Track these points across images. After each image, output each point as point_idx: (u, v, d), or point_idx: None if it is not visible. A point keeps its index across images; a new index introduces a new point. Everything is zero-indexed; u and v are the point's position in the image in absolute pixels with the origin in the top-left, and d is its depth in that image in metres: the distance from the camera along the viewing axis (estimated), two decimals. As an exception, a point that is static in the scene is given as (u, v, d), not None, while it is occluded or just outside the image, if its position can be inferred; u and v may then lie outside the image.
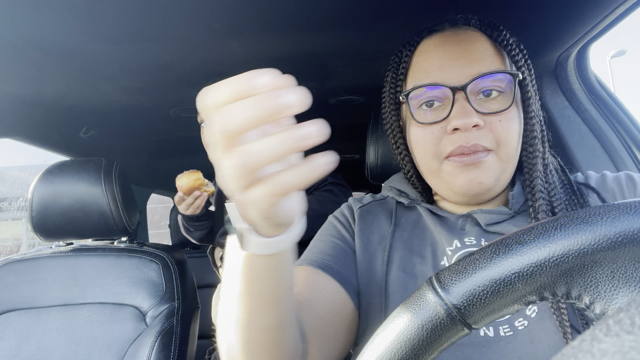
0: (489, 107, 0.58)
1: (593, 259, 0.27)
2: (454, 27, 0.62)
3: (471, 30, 0.61)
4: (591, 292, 0.27)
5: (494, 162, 0.58)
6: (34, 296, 1.15)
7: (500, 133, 0.57)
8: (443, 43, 0.61)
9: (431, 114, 0.60)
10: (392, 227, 0.66)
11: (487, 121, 0.57)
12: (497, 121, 0.57)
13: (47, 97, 1.12)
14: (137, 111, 1.32)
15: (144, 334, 1.10)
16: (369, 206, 0.72)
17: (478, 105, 0.57)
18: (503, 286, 0.28)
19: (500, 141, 0.57)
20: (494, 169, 0.58)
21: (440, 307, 0.28)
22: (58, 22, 0.76)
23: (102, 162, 1.20)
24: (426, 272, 0.61)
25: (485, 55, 0.59)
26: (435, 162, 0.60)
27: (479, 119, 0.56)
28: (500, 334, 0.55)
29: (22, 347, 1.10)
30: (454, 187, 0.59)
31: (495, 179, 0.58)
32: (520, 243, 0.28)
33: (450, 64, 0.58)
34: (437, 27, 0.63)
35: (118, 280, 1.16)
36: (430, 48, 0.62)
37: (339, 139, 1.99)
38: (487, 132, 0.57)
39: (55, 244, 1.28)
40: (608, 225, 0.26)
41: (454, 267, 0.30)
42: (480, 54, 0.59)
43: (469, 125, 0.56)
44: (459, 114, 0.56)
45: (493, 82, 0.58)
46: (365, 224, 0.69)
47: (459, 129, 0.56)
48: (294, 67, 1.06)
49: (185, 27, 0.81)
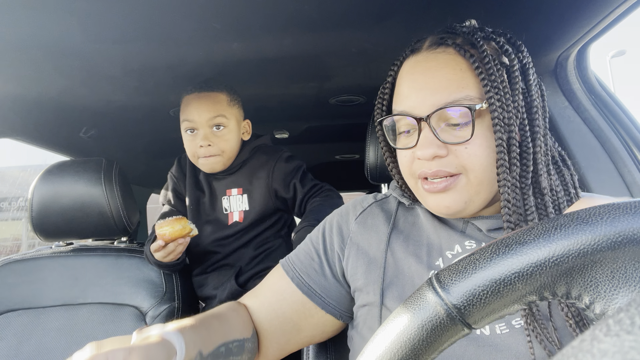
0: (455, 136, 0.58)
1: (593, 259, 0.27)
2: (429, 48, 0.62)
3: (446, 53, 0.60)
4: (591, 292, 0.27)
5: (462, 185, 0.58)
6: (34, 296, 1.15)
7: (465, 160, 0.57)
8: (413, 70, 0.62)
9: (405, 139, 0.63)
10: (389, 228, 0.68)
11: (452, 149, 0.58)
12: (463, 148, 0.57)
13: (47, 97, 1.12)
14: (137, 111, 1.33)
15: (144, 334, 1.10)
16: (369, 209, 0.73)
17: (444, 134, 0.58)
18: (503, 286, 0.28)
19: (467, 167, 0.58)
20: (463, 193, 0.58)
21: (440, 307, 0.28)
22: (58, 22, 0.76)
23: (102, 162, 1.20)
24: (421, 273, 0.62)
25: (450, 83, 0.58)
26: (412, 180, 0.63)
27: (439, 149, 0.57)
28: (497, 332, 0.55)
29: (22, 347, 1.10)
30: (428, 207, 0.63)
31: (465, 202, 0.59)
32: (520, 243, 0.28)
33: (415, 94, 0.60)
34: (417, 45, 0.64)
35: (118, 280, 1.16)
36: (403, 74, 0.63)
37: (339, 139, 1.99)
38: (453, 158, 0.58)
39: (55, 244, 1.28)
40: (608, 225, 0.26)
41: (453, 267, 0.30)
42: (444, 82, 0.58)
43: (429, 157, 0.58)
44: (421, 145, 0.58)
45: (452, 113, 0.57)
46: (364, 231, 0.70)
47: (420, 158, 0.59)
48: (294, 67, 1.06)
49: (185, 27, 0.81)
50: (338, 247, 0.71)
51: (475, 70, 0.57)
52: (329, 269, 0.71)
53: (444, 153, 0.58)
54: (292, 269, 0.72)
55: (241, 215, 1.23)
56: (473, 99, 0.57)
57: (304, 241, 0.77)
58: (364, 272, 0.66)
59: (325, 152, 2.29)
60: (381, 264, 0.65)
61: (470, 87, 0.58)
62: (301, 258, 0.73)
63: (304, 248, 0.75)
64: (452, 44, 0.60)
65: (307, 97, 1.33)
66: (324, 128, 1.80)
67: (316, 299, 0.69)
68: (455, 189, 0.59)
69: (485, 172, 0.58)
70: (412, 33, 0.90)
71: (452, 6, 0.80)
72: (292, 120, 1.66)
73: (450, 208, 0.59)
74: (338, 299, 0.70)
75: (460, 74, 0.58)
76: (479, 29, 0.63)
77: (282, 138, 1.92)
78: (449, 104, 0.57)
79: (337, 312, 0.70)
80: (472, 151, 0.57)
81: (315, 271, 0.71)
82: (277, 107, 1.44)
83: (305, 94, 1.30)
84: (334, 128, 1.80)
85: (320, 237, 0.74)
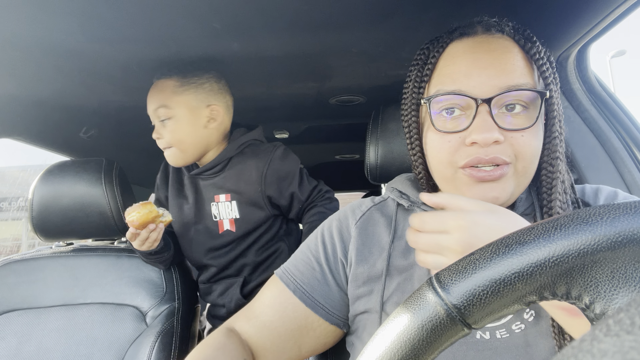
0: (511, 123, 0.56)
1: (593, 259, 0.27)
2: (486, 32, 0.60)
3: (504, 39, 0.59)
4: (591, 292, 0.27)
5: (511, 175, 0.56)
6: (34, 296, 1.15)
7: (520, 148, 0.55)
8: (473, 49, 0.58)
9: (451, 122, 0.58)
10: (390, 236, 0.66)
11: (508, 136, 0.55)
12: (519, 136, 0.55)
13: (47, 97, 1.12)
14: (138, 111, 1.32)
15: (144, 334, 1.10)
16: (368, 214, 0.71)
17: (500, 119, 0.55)
18: (503, 286, 0.28)
19: (519, 155, 0.56)
20: (510, 183, 0.57)
21: (440, 307, 0.28)
22: (58, 22, 0.76)
23: (102, 162, 1.20)
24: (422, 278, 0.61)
25: (515, 67, 0.56)
26: (450, 170, 0.59)
27: (499, 134, 0.54)
28: (497, 337, 0.55)
29: (22, 348, 1.10)
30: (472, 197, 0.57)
31: (511, 193, 0.57)
32: (520, 243, 0.28)
33: (478, 73, 0.56)
34: (469, 30, 0.60)
35: (118, 280, 1.16)
36: (459, 53, 0.59)
37: (339, 139, 1.99)
38: (507, 146, 0.55)
39: (55, 244, 1.28)
40: (608, 225, 0.26)
41: (453, 267, 0.30)
42: (510, 66, 0.56)
43: (489, 141, 0.54)
44: (480, 128, 0.54)
45: (518, 97, 0.56)
46: (365, 237, 0.68)
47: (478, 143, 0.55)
48: (294, 67, 1.06)
49: (185, 27, 0.81)
50: (341, 253, 0.68)
51: (536, 62, 0.57)
52: (331, 276, 0.68)
53: (502, 139, 0.55)
54: (293, 281, 0.68)
55: (232, 224, 1.13)
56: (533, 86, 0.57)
57: (300, 250, 0.73)
58: (366, 279, 0.65)
59: (325, 152, 2.29)
60: (382, 271, 0.64)
61: (529, 76, 0.57)
62: (301, 269, 0.69)
63: (302, 257, 0.71)
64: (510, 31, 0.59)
65: (307, 97, 1.33)
66: (324, 128, 1.80)
67: (320, 311, 0.66)
68: (505, 179, 0.56)
69: (532, 163, 0.57)
70: (412, 33, 0.90)
71: (452, 6, 0.80)
72: (292, 120, 1.66)
73: (499, 199, 0.56)
74: (341, 307, 0.68)
75: (522, 61, 0.57)
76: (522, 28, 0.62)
77: (282, 138, 1.92)
78: (516, 86, 0.55)
79: (341, 322, 0.68)
80: (527, 140, 0.55)
81: (317, 281, 0.67)
82: (277, 107, 1.44)
83: (305, 94, 1.30)
84: (334, 128, 1.80)
85: (320, 244, 0.70)
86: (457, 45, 0.60)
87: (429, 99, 0.59)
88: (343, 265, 0.68)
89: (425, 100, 0.60)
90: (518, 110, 0.56)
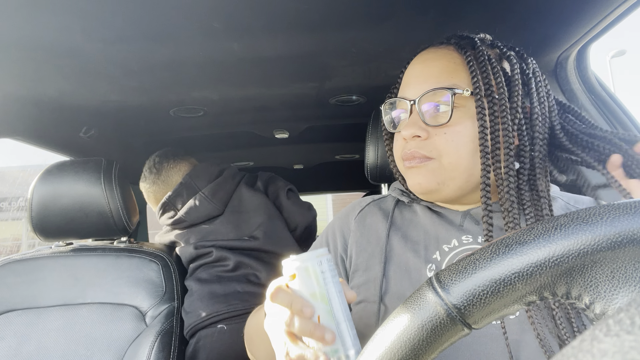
0: (434, 120, 0.61)
1: (593, 259, 0.27)
2: (434, 45, 0.66)
3: (445, 49, 0.64)
4: (591, 292, 0.27)
5: (434, 168, 0.62)
6: (33, 296, 1.15)
7: (441, 145, 0.61)
8: (415, 62, 0.66)
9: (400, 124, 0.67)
10: (387, 225, 0.69)
11: (433, 133, 0.61)
12: (442, 133, 0.61)
13: (47, 97, 1.12)
14: (137, 111, 1.32)
15: (143, 334, 1.10)
16: (367, 208, 0.75)
17: (430, 118, 0.62)
18: (503, 286, 0.28)
19: (442, 152, 0.61)
20: (435, 175, 0.62)
21: (440, 307, 0.28)
22: (58, 22, 0.76)
23: (102, 162, 1.20)
24: (419, 267, 0.63)
25: (442, 72, 0.62)
26: (401, 163, 0.67)
27: (420, 130, 0.61)
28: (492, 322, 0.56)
29: (22, 347, 1.09)
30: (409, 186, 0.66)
31: (438, 183, 0.62)
32: (520, 243, 0.28)
33: (413, 81, 0.64)
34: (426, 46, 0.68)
35: (118, 280, 1.16)
36: (410, 67, 0.68)
37: (339, 139, 1.99)
38: (430, 142, 0.61)
39: (55, 244, 1.28)
40: (608, 225, 0.26)
41: (453, 267, 0.30)
42: (436, 71, 0.62)
43: (409, 136, 0.62)
44: (406, 125, 0.63)
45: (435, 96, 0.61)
46: (363, 229, 0.72)
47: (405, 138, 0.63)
48: (294, 67, 1.06)
49: (185, 27, 0.81)
50: (341, 248, 0.72)
51: (467, 63, 0.61)
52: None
53: (424, 135, 0.61)
54: None
55: None
56: (459, 87, 0.60)
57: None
58: (364, 269, 0.67)
59: (325, 152, 2.29)
60: (380, 261, 0.66)
61: (460, 78, 0.61)
62: None
63: None
64: (454, 42, 0.64)
65: (307, 97, 1.33)
66: (324, 128, 1.80)
67: None
68: (427, 170, 0.62)
69: (461, 158, 0.60)
70: (412, 33, 0.90)
71: (452, 6, 0.80)
72: (292, 120, 1.66)
73: (422, 185, 0.63)
74: None
75: (454, 66, 0.62)
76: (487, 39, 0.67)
77: (282, 138, 1.92)
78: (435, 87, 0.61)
79: None
80: (449, 137, 0.60)
81: None
82: (277, 107, 1.43)
83: (305, 94, 1.30)
84: (334, 128, 1.80)
85: (324, 243, 0.76)
86: (413, 61, 0.68)
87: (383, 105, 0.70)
88: (343, 260, 0.72)
89: (382, 107, 0.70)
90: (443, 110, 0.61)
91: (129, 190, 1.25)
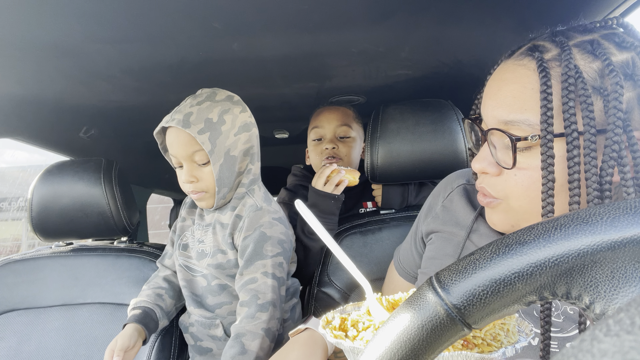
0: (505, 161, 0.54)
1: (593, 259, 0.27)
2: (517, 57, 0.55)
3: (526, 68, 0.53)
4: (591, 292, 0.27)
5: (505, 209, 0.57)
6: (33, 296, 1.15)
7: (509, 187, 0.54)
8: (493, 77, 0.57)
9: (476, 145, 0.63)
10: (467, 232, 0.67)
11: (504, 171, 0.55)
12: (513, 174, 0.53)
13: (47, 97, 1.12)
14: (137, 111, 1.32)
15: (143, 334, 1.09)
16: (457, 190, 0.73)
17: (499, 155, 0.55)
18: (503, 286, 0.28)
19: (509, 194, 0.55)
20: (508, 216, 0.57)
21: (440, 307, 0.28)
22: (58, 22, 0.76)
23: (102, 162, 1.20)
24: None
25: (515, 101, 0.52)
26: None
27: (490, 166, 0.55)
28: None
29: (22, 347, 1.09)
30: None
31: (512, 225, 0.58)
32: (520, 243, 0.28)
33: (487, 103, 0.56)
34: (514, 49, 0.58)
35: (118, 280, 1.16)
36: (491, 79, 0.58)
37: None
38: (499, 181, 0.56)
39: (55, 244, 1.28)
40: (608, 225, 0.26)
41: (453, 267, 0.30)
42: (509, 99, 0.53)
43: (477, 170, 0.57)
44: (476, 158, 0.58)
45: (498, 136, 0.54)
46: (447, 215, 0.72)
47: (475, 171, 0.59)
48: (294, 67, 1.06)
49: (185, 27, 0.81)
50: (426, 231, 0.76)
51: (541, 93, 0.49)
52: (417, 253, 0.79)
53: (495, 172, 0.55)
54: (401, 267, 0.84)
55: None
56: (532, 125, 0.50)
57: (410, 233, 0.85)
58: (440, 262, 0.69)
59: (325, 152, 2.28)
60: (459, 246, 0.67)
61: (534, 110, 0.50)
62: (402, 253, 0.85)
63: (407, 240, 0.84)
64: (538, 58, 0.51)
65: (307, 97, 1.33)
66: (324, 128, 1.79)
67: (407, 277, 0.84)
68: (499, 210, 0.57)
69: (533, 202, 0.53)
70: (412, 33, 0.90)
71: (452, 6, 0.80)
72: (292, 120, 1.66)
73: (497, 226, 0.59)
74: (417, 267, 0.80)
75: (530, 93, 0.51)
76: (587, 46, 0.51)
77: (282, 138, 1.92)
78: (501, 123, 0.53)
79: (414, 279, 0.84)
80: (519, 180, 0.53)
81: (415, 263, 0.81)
82: (277, 107, 1.44)
83: (305, 94, 1.30)
84: (334, 128, 1.80)
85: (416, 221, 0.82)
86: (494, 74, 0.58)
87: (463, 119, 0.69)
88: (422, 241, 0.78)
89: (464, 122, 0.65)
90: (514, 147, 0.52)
91: (129, 190, 1.25)
